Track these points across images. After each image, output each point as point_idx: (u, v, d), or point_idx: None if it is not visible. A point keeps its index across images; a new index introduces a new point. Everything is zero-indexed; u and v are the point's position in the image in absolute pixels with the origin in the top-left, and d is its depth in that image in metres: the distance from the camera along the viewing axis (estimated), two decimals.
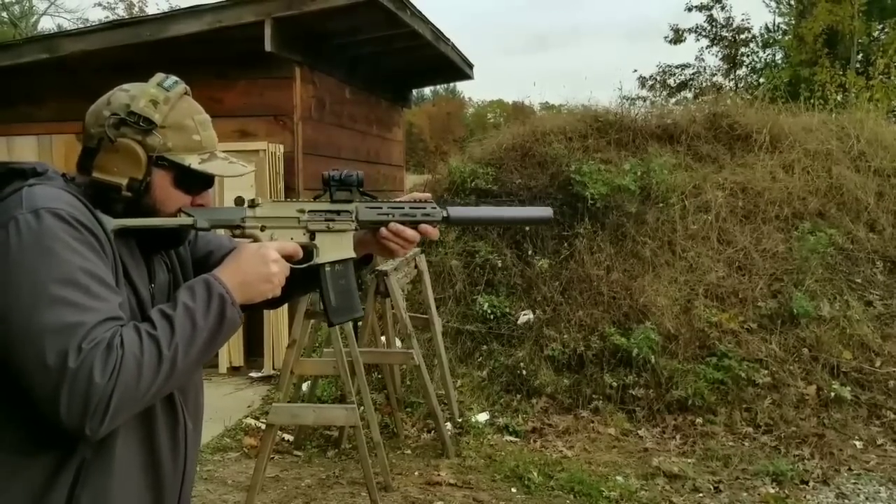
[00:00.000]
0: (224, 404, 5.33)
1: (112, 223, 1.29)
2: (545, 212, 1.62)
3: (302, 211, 1.44)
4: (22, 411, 1.18)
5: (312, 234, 1.44)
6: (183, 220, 1.36)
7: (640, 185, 6.36)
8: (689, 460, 4.68)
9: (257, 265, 1.33)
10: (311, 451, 4.82)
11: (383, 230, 1.48)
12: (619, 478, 4.43)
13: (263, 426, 4.70)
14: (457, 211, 1.56)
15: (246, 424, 5.19)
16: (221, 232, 1.50)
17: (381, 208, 1.49)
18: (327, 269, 1.45)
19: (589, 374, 5.45)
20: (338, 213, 1.45)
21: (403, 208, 1.50)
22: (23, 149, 7.03)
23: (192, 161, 1.38)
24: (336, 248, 1.46)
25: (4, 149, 7.06)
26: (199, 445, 1.53)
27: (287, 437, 4.94)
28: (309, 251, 1.45)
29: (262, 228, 1.41)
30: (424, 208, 1.51)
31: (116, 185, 1.33)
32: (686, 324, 5.62)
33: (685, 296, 5.84)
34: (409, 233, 1.49)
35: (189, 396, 1.45)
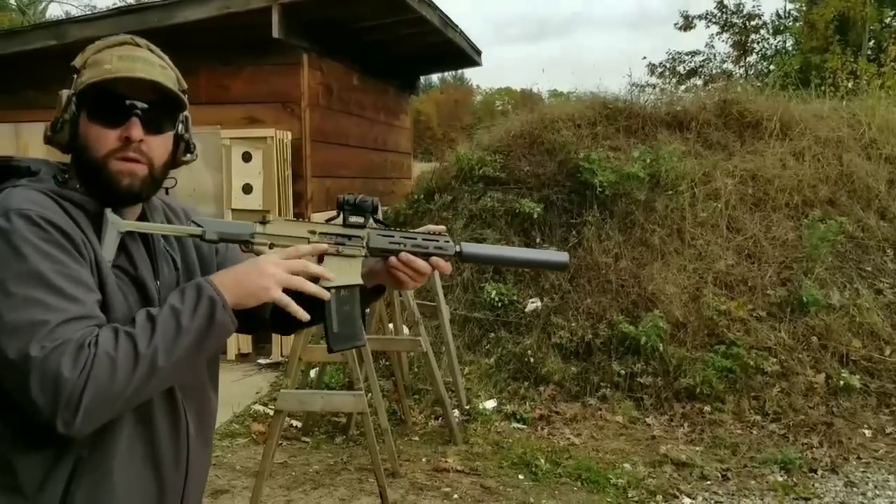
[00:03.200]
0: (232, 391, 5.34)
1: (121, 224, 1.28)
2: (561, 256, 1.58)
3: (313, 232, 1.40)
4: (13, 407, 1.18)
5: (321, 257, 1.40)
6: (192, 229, 1.34)
7: (649, 173, 6.33)
8: (697, 448, 4.67)
9: (252, 265, 1.30)
10: (320, 437, 4.84)
11: (393, 259, 1.43)
12: (626, 465, 4.43)
13: (272, 412, 4.71)
14: (470, 247, 1.51)
15: (254, 411, 5.21)
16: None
17: (392, 237, 1.45)
18: (332, 293, 1.41)
19: (597, 361, 5.44)
20: (349, 237, 1.42)
21: (416, 238, 1.46)
22: (30, 135, 7.03)
23: (84, 80, 1.31)
24: (344, 273, 1.42)
25: (13, 135, 7.07)
26: (206, 449, 1.48)
27: (295, 423, 4.96)
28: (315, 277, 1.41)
29: (271, 246, 1.37)
30: (437, 241, 1.47)
31: (48, 138, 1.35)
32: (695, 312, 5.60)
33: (694, 284, 5.82)
34: (420, 264, 1.44)
35: (193, 399, 1.41)
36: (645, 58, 22.96)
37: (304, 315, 1.32)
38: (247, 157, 6.20)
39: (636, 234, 6.15)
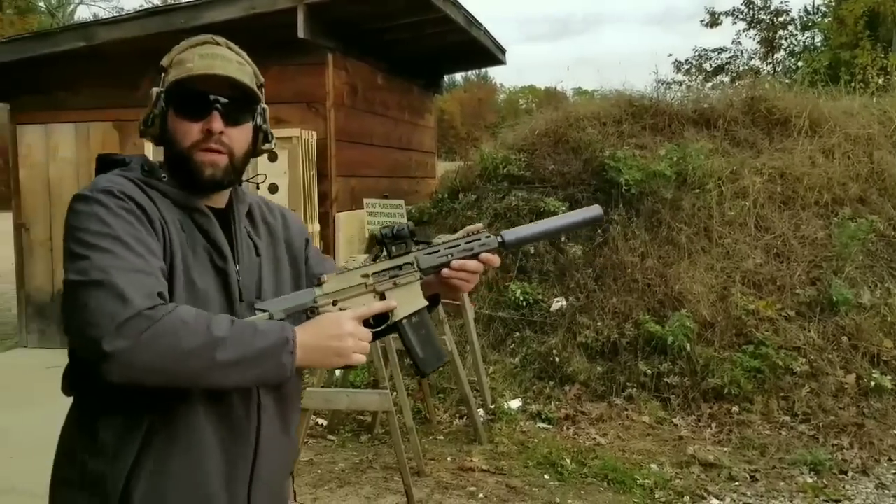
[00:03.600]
0: None
1: None
2: (595, 210, 1.63)
3: (366, 276, 1.45)
4: (90, 374, 1.23)
5: (382, 295, 1.45)
6: (259, 316, 1.37)
7: (675, 171, 6.27)
8: (725, 449, 4.62)
9: (331, 337, 1.35)
10: (345, 435, 4.85)
11: (446, 270, 1.50)
12: (653, 466, 4.40)
13: None
14: (511, 234, 1.57)
15: None
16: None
17: (438, 251, 1.51)
18: (405, 322, 1.48)
19: (623, 361, 5.40)
20: (400, 267, 1.47)
21: (459, 245, 1.53)
22: (60, 136, 7.14)
23: (170, 78, 1.43)
24: (408, 301, 1.48)
25: (43, 136, 7.18)
26: (283, 432, 1.48)
27: (321, 421, 4.98)
28: (384, 313, 1.47)
29: (335, 303, 1.42)
30: (479, 239, 1.53)
31: (141, 131, 1.48)
32: (722, 311, 5.54)
33: (721, 283, 5.75)
34: (473, 265, 1.51)
35: None
36: (671, 55, 22.81)
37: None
38: (273, 157, 6.23)
39: (663, 233, 6.10)
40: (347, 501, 3.97)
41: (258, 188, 1.65)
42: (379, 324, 1.46)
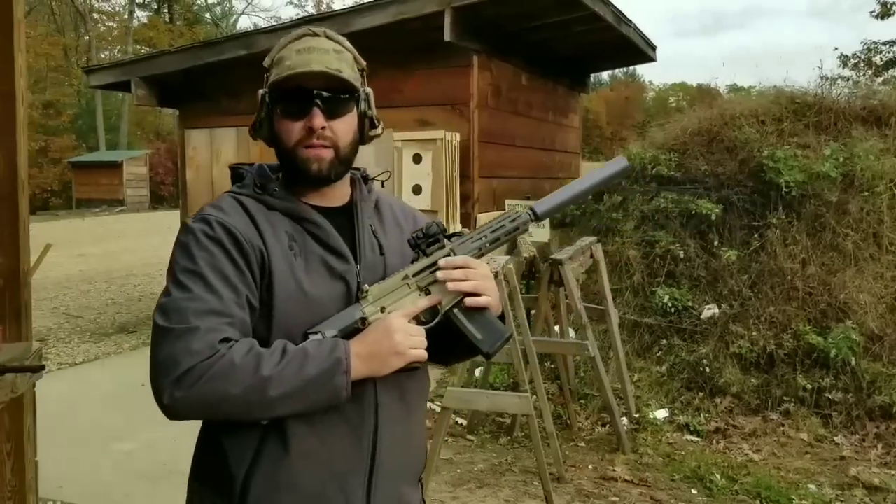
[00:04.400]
0: None
1: None
2: (622, 162, 1.60)
3: (406, 276, 1.43)
4: None
5: (427, 290, 1.43)
6: (312, 339, 1.36)
7: (841, 172, 5.82)
8: (893, 472, 4.23)
9: (382, 339, 1.34)
10: (484, 436, 4.85)
11: (439, 274, 1.42)
12: (811, 486, 4.10)
13: (438, 408, 4.78)
14: (542, 205, 1.52)
15: None
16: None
17: (472, 237, 1.48)
18: (455, 311, 1.44)
19: (780, 374, 5.07)
20: (436, 262, 1.45)
21: (491, 226, 1.50)
22: (223, 139, 7.61)
23: (271, 79, 1.43)
24: (451, 292, 1.45)
25: (208, 140, 7.68)
26: (406, 425, 1.48)
27: (461, 420, 5.01)
28: (433, 309, 1.44)
29: (383, 310, 1.40)
30: (509, 216, 1.51)
31: (252, 135, 1.50)
32: (892, 324, 5.09)
33: (892, 293, 5.28)
34: (458, 261, 1.42)
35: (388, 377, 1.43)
36: (836, 48, 21.27)
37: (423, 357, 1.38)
38: (417, 159, 6.35)
39: (826, 238, 5.67)
40: (486, 503, 3.95)
41: (382, 185, 1.64)
42: (430, 319, 1.43)
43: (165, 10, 39.91)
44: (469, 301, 1.41)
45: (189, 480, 1.46)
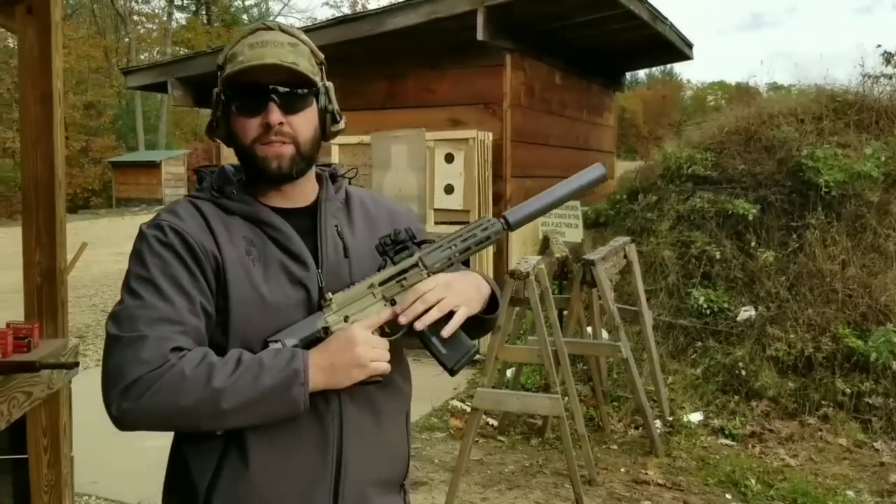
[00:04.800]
0: (432, 384, 5.45)
1: None
2: (598, 170, 1.54)
3: (372, 285, 1.37)
4: None
5: (392, 300, 1.38)
6: (273, 347, 1.32)
7: (884, 172, 5.69)
8: None
9: (343, 350, 1.29)
10: (515, 437, 4.83)
11: (401, 318, 1.34)
12: (849, 492, 4.01)
13: (468, 409, 4.77)
14: (514, 214, 1.45)
15: (452, 406, 5.31)
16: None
17: (441, 245, 1.41)
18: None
19: (818, 377, 4.97)
20: (405, 270, 1.39)
21: (462, 234, 1.43)
22: None
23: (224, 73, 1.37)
24: None
25: None
26: (377, 437, 1.42)
27: (492, 421, 4.99)
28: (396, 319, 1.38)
29: (346, 319, 1.35)
30: (482, 224, 1.44)
31: (209, 135, 1.45)
32: None
33: None
34: (409, 296, 1.35)
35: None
36: (879, 45, 20.77)
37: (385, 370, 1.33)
38: (449, 159, 6.34)
39: (867, 240, 5.55)
40: None
41: (350, 182, 1.59)
42: (395, 332, 1.37)
43: (203, 12, 40.47)
44: (445, 331, 1.35)
45: (163, 490, 1.43)
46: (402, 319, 1.34)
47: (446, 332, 1.34)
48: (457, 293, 1.36)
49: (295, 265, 1.38)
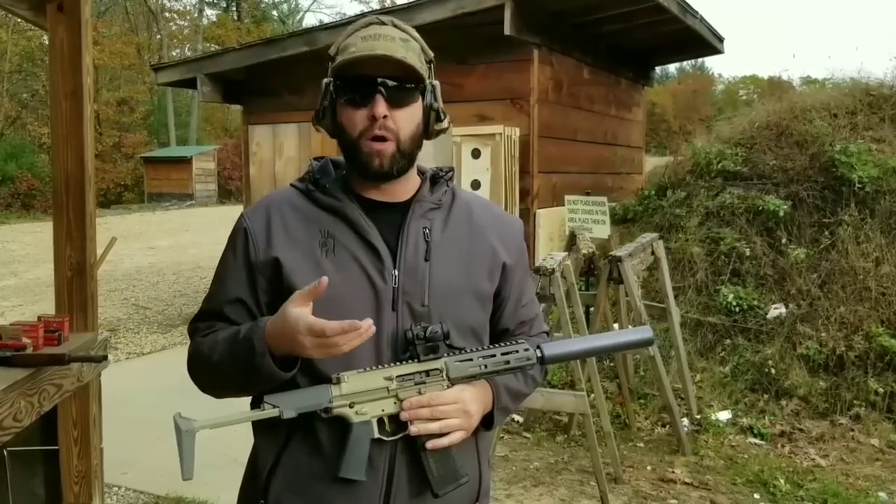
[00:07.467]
0: None
1: (194, 426, 1.35)
2: (645, 332, 1.45)
3: (390, 378, 1.32)
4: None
5: (402, 400, 1.33)
6: (268, 412, 1.31)
7: None
8: None
9: (291, 335, 1.26)
10: (540, 434, 4.81)
11: (403, 414, 1.31)
12: (881, 494, 3.94)
13: None
14: (551, 348, 1.39)
15: None
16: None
17: (472, 360, 1.35)
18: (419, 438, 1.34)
19: (850, 377, 4.89)
20: (427, 373, 1.33)
21: (495, 356, 1.35)
22: (285, 135, 7.73)
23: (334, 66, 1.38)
24: None
25: (271, 135, 7.80)
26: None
27: (517, 417, 4.98)
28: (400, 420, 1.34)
29: (351, 405, 1.31)
30: (517, 351, 1.36)
31: (316, 125, 1.49)
32: None
33: None
34: (423, 400, 1.32)
35: None
36: None
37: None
38: (476, 154, 6.32)
39: None
40: (541, 501, 3.92)
41: (449, 184, 1.55)
42: (396, 431, 1.33)
43: (234, 9, 40.78)
44: (430, 444, 1.32)
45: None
46: (404, 416, 1.31)
47: (431, 444, 1.32)
48: (467, 419, 1.35)
49: (368, 256, 1.37)
